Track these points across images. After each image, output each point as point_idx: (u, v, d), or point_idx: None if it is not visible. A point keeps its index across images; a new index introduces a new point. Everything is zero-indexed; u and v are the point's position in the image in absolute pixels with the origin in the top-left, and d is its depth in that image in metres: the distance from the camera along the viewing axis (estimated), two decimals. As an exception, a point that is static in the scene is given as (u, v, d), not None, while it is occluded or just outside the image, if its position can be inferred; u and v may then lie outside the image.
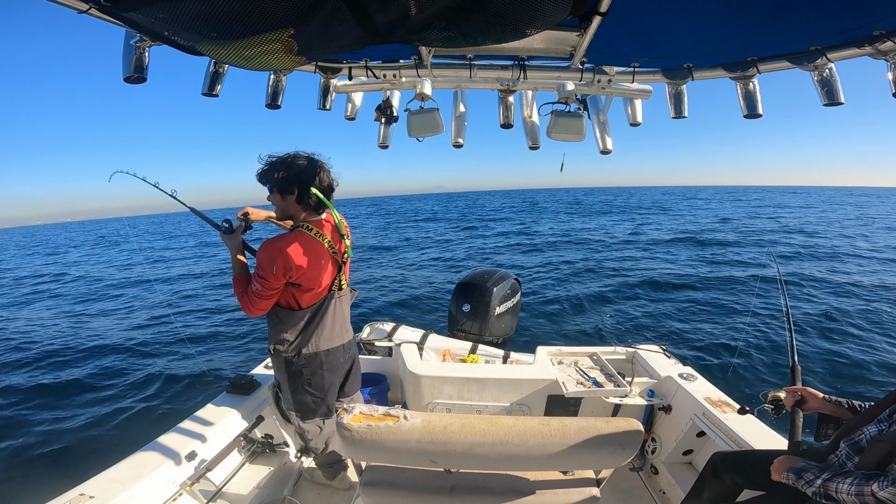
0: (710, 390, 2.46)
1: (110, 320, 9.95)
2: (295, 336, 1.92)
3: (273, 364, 2.06)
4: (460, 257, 15.98)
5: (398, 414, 1.29)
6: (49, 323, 9.98)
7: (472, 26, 1.18)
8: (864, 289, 9.33)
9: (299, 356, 1.94)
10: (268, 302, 1.81)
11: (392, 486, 1.46)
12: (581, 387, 2.48)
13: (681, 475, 2.39)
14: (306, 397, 2.02)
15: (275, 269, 1.70)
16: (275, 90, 2.19)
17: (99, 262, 22.13)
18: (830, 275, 10.68)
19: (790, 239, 17.25)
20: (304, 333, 1.92)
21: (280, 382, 2.06)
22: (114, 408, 5.28)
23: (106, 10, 1.00)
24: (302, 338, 1.92)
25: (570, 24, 1.51)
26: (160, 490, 1.91)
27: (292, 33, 1.05)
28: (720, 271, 11.56)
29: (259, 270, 1.74)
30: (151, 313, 10.10)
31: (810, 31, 1.52)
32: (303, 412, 2.07)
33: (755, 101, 1.96)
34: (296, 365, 1.96)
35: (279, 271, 1.72)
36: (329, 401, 2.08)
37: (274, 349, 1.95)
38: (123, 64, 1.71)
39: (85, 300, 12.62)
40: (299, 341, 1.93)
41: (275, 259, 1.70)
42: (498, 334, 3.74)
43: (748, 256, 13.56)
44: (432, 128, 2.27)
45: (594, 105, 2.44)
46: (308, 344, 1.93)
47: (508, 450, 1.23)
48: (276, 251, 1.70)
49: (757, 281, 9.83)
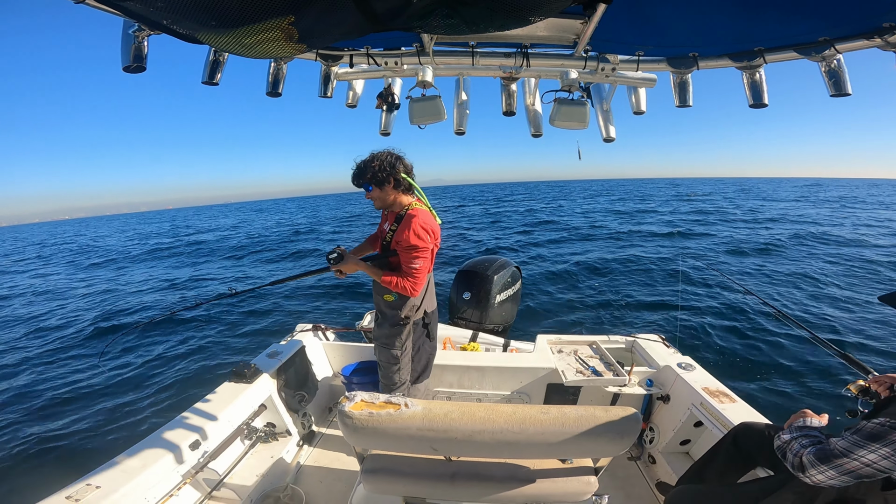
0: (708, 380, 2.48)
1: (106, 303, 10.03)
2: (422, 299, 2.19)
3: (395, 336, 2.18)
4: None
5: (399, 402, 1.30)
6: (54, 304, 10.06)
7: (475, 13, 1.16)
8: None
9: (427, 315, 2.28)
10: (425, 273, 2.07)
11: (393, 473, 1.48)
12: (580, 375, 2.50)
13: (678, 464, 2.41)
14: (425, 355, 2.34)
15: (429, 235, 2.01)
16: (275, 78, 2.17)
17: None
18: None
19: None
20: (426, 296, 2.23)
21: (402, 350, 2.21)
22: (116, 402, 5.32)
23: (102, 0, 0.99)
24: (425, 300, 2.23)
25: (574, 12, 1.49)
26: (164, 479, 1.94)
27: (292, 20, 1.03)
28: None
29: (414, 247, 1.99)
30: (148, 298, 10.15)
31: (819, 22, 1.50)
32: (418, 371, 2.34)
33: (761, 91, 1.94)
34: (424, 325, 2.28)
35: (430, 238, 2.02)
36: (435, 351, 2.46)
37: (405, 317, 2.17)
38: (122, 53, 1.69)
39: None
40: (424, 303, 2.23)
41: (425, 228, 2.00)
42: (498, 322, 3.76)
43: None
44: (434, 115, 2.25)
45: (597, 93, 2.41)
46: (429, 304, 2.28)
47: (508, 437, 1.24)
48: (420, 223, 1.99)
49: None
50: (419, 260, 2.02)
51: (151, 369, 6.09)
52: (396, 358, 2.22)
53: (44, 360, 6.91)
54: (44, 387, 5.80)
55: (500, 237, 18.17)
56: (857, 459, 1.15)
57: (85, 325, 8.63)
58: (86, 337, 7.96)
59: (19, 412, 5.15)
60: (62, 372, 6.31)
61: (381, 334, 2.24)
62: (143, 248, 23.84)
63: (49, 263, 21.66)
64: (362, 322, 3.61)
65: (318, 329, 3.36)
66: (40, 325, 9.00)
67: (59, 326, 8.79)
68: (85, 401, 5.34)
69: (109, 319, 9.04)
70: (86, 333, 8.14)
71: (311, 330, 3.33)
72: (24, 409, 5.22)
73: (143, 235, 36.39)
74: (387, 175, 2.03)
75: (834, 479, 1.20)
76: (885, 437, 1.12)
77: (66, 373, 6.26)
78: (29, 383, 5.97)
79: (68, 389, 5.69)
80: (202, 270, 14.70)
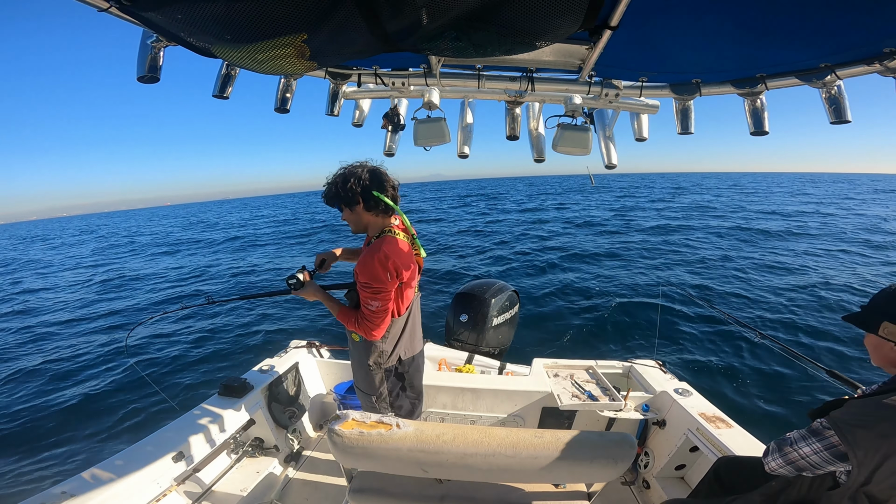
0: (704, 406, 2.46)
1: (96, 316, 10.00)
2: (394, 344, 1.91)
3: (368, 380, 1.95)
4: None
5: (391, 422, 1.28)
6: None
7: (484, 37, 1.19)
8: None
9: (400, 363, 1.95)
10: (388, 315, 1.78)
11: (382, 493, 1.45)
12: (576, 400, 2.47)
13: (673, 490, 2.37)
14: (405, 402, 2.03)
15: (388, 273, 1.71)
16: (284, 94, 2.21)
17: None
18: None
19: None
20: (401, 340, 1.92)
21: (378, 396, 1.96)
22: (101, 406, 5.24)
23: (126, 10, 1.02)
24: (399, 345, 1.92)
25: (580, 38, 1.53)
26: (144, 489, 1.90)
27: (305, 38, 1.06)
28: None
29: (372, 284, 1.70)
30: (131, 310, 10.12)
31: (820, 48, 1.52)
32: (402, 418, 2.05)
33: (762, 118, 1.97)
34: (396, 374, 1.95)
35: (392, 274, 1.72)
36: (422, 401, 2.15)
37: (374, 363, 1.90)
38: (138, 63, 1.73)
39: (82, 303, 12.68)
40: (398, 349, 1.92)
41: (385, 264, 1.70)
42: (494, 345, 3.73)
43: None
44: (439, 137, 2.28)
45: (601, 119, 2.45)
46: (406, 350, 1.95)
47: (501, 461, 1.22)
48: (383, 256, 1.70)
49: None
50: (376, 300, 1.72)
51: (137, 379, 6.02)
52: (372, 404, 1.98)
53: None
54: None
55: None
56: (797, 451, 1.28)
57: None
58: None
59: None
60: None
61: (356, 377, 2.05)
62: (226, 236, 26.41)
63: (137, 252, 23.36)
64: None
65: (311, 346, 3.33)
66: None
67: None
68: (67, 409, 5.26)
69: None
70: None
71: (306, 346, 3.30)
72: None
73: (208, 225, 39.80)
74: (355, 194, 1.77)
75: (782, 467, 1.32)
76: (820, 434, 1.24)
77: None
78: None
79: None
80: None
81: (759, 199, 35.83)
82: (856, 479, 1.16)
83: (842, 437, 1.17)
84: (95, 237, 39.85)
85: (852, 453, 1.15)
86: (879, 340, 1.26)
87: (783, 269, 11.27)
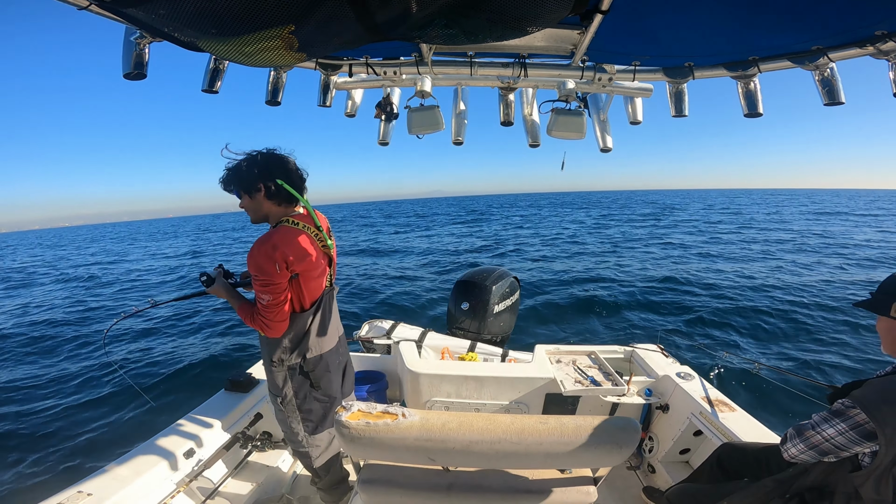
0: (707, 390, 2.47)
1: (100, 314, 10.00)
2: (297, 342, 1.80)
3: (273, 379, 1.88)
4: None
5: (396, 412, 1.29)
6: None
7: (474, 23, 1.17)
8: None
9: (305, 361, 1.83)
10: (283, 309, 1.69)
11: (390, 483, 1.47)
12: (579, 385, 2.48)
13: (677, 474, 2.39)
14: (315, 405, 1.91)
15: (276, 264, 1.59)
16: (275, 87, 2.19)
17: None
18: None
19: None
20: (306, 336, 1.81)
21: (283, 398, 1.88)
22: (111, 406, 5.27)
23: (106, 6, 1.00)
24: (305, 341, 1.81)
25: (571, 22, 1.51)
26: (157, 487, 1.92)
27: (293, 30, 1.04)
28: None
29: (260, 277, 1.61)
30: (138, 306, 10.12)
31: (812, 31, 1.51)
32: (314, 423, 1.93)
33: (756, 100, 1.96)
34: (301, 372, 1.85)
35: (280, 265, 1.61)
36: (336, 405, 1.95)
37: (277, 360, 1.81)
38: (123, 60, 1.71)
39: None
40: (302, 346, 1.81)
41: (271, 255, 1.59)
42: (496, 332, 3.74)
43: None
44: (433, 125, 2.26)
45: (594, 103, 2.44)
46: (312, 347, 1.83)
47: (506, 448, 1.23)
48: (270, 247, 1.60)
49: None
50: (266, 293, 1.62)
51: (145, 375, 6.04)
52: (279, 407, 1.89)
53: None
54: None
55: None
56: (820, 433, 1.26)
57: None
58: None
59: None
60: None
61: (267, 377, 1.94)
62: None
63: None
64: (360, 332, 3.59)
65: None
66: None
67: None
68: (76, 408, 5.28)
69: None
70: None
71: None
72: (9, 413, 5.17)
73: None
74: (254, 179, 1.65)
75: (804, 452, 1.31)
76: (844, 414, 1.22)
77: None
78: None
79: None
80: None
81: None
82: (883, 458, 1.13)
83: (869, 415, 1.14)
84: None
85: (880, 431, 1.12)
86: (891, 322, 1.26)
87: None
